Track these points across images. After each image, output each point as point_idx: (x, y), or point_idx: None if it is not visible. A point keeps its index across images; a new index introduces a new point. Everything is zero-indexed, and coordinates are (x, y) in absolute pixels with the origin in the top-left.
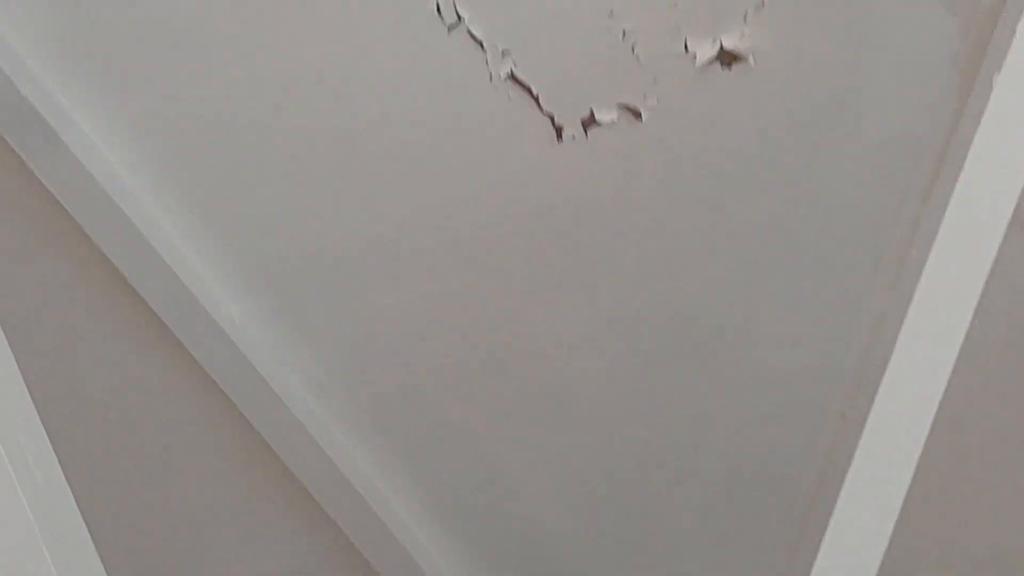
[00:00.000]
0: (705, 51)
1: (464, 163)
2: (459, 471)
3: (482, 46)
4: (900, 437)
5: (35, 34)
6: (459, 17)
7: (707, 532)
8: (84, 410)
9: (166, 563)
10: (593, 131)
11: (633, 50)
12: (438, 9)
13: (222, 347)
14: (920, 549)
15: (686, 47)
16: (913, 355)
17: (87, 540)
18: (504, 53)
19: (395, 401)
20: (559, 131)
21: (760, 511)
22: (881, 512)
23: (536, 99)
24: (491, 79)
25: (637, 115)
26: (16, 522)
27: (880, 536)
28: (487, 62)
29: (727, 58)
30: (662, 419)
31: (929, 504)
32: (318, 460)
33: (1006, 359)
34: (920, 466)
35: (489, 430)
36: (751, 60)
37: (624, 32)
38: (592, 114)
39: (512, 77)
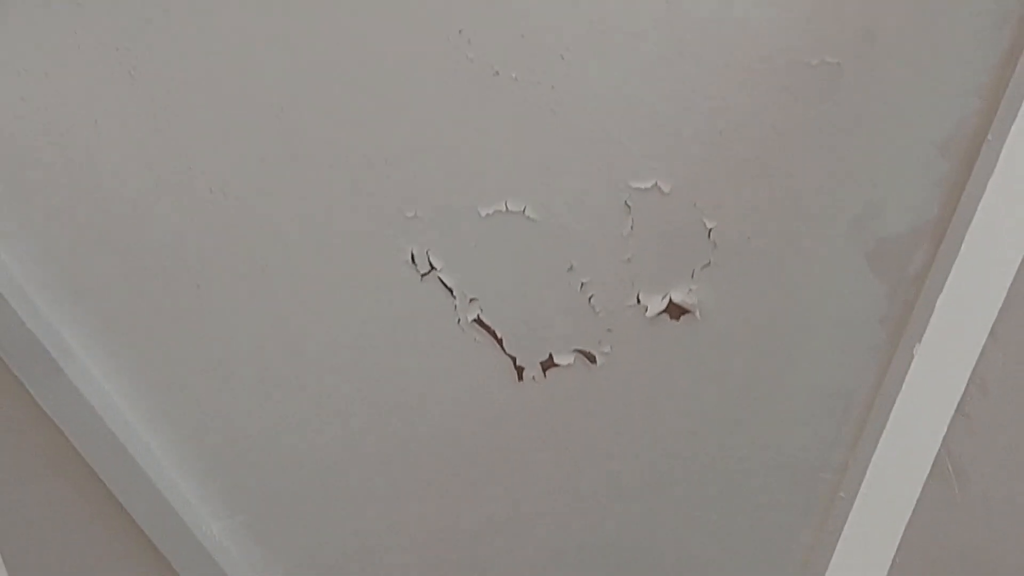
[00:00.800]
0: (655, 304)
1: (433, 397)
2: None
3: (452, 293)
4: None
5: (40, 269)
6: (432, 267)
7: None
8: None
9: None
10: (551, 372)
11: (590, 301)
12: (413, 259)
13: (203, 562)
14: None
15: (638, 300)
16: None
17: None
18: (472, 300)
19: None
20: (520, 372)
21: None
22: None
23: (500, 342)
24: (459, 323)
25: (592, 359)
26: None
27: None
28: (456, 307)
29: (675, 311)
30: None
31: None
32: None
33: None
34: None
35: None
36: (697, 313)
37: (582, 284)
38: (551, 357)
39: (478, 321)
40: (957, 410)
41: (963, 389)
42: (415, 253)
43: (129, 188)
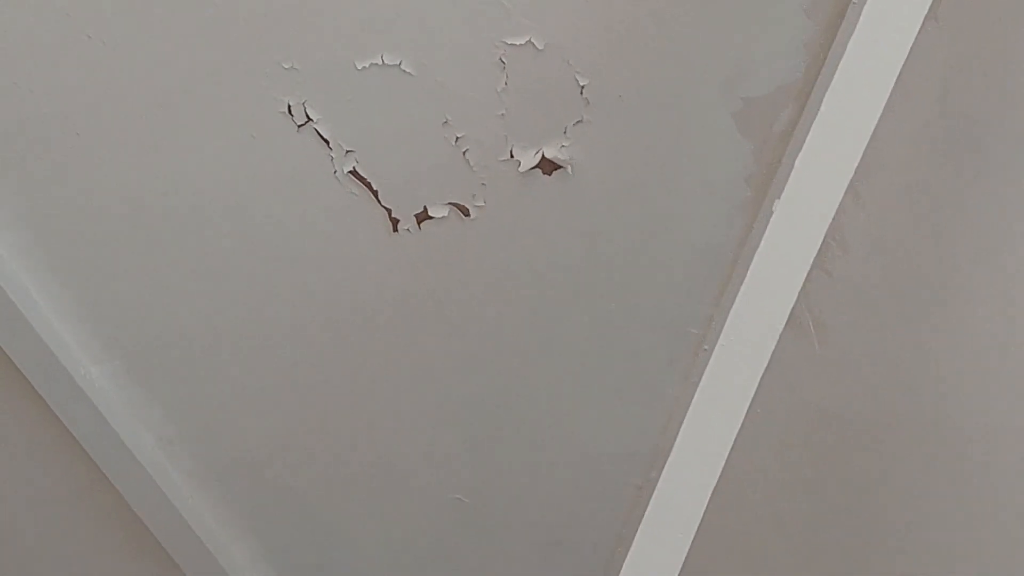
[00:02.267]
0: (528, 159)
1: (308, 249)
2: (296, 527)
3: (328, 145)
4: (685, 502)
5: None
6: (308, 118)
7: None
8: None
9: None
10: (425, 225)
11: (464, 155)
12: (289, 110)
13: (81, 405)
14: None
15: (512, 154)
16: (699, 435)
17: None
18: (348, 152)
19: (239, 461)
20: (395, 223)
21: (562, 571)
22: (663, 573)
23: (375, 194)
24: (335, 174)
25: (466, 212)
26: None
27: None
28: (332, 159)
29: (548, 166)
30: (479, 486)
31: (705, 564)
32: (166, 510)
33: (779, 438)
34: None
35: (324, 490)
36: (569, 169)
37: (457, 138)
38: (425, 209)
39: (354, 173)
40: (819, 267)
41: (820, 245)
42: (291, 105)
43: (9, 35)
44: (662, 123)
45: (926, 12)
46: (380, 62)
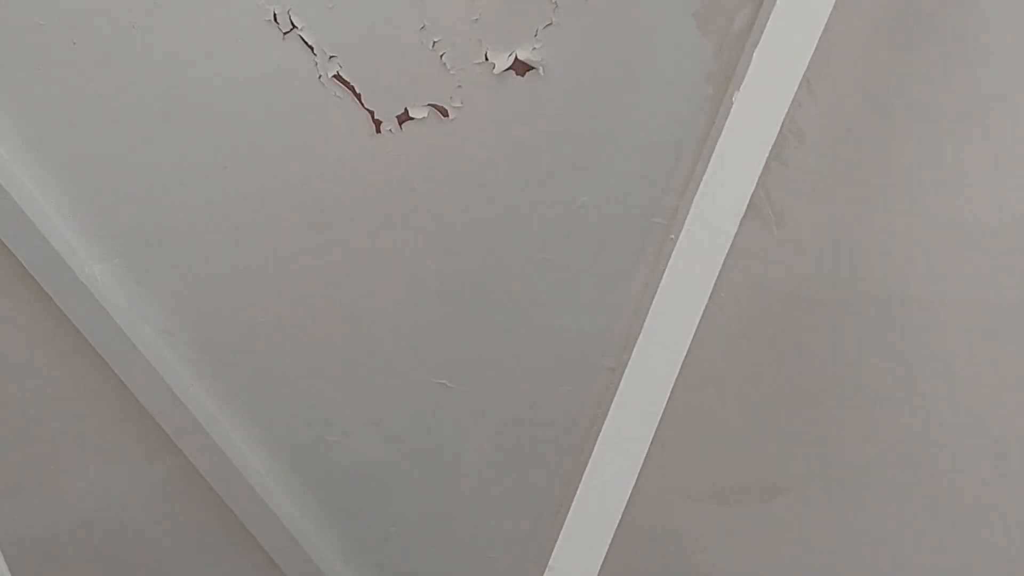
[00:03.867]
0: (502, 61)
1: (296, 148)
2: (289, 408)
3: (312, 50)
4: (652, 384)
5: None
6: (293, 25)
7: (494, 465)
8: None
9: (26, 482)
10: (407, 125)
11: (441, 59)
12: (275, 18)
13: (85, 301)
14: (666, 478)
15: (486, 57)
16: (665, 319)
17: None
18: (331, 57)
19: (234, 348)
20: (378, 125)
21: (540, 447)
22: (634, 447)
23: (358, 97)
24: (320, 79)
25: (444, 113)
26: None
27: (632, 468)
28: (316, 64)
29: (520, 68)
30: (460, 369)
31: (674, 439)
32: (168, 398)
33: (741, 318)
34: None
35: (315, 374)
36: (540, 70)
37: (434, 43)
38: (406, 111)
39: (338, 77)
40: (776, 158)
41: (776, 135)
42: (276, 13)
43: None
44: (627, 24)
45: None
46: None
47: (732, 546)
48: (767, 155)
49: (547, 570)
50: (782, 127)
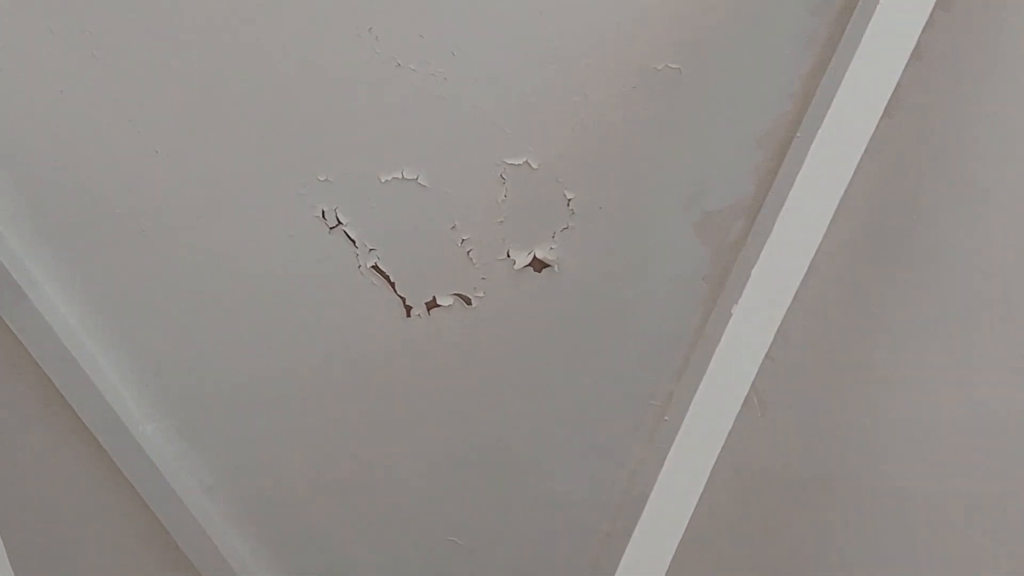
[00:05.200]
0: (522, 258)
1: (336, 327)
2: (317, 558)
3: (354, 243)
4: (657, 549)
5: (9, 207)
6: (339, 221)
7: None
8: (26, 502)
9: None
10: (434, 311)
11: (468, 254)
12: (323, 215)
13: (137, 456)
14: None
15: (508, 254)
16: (669, 492)
17: None
18: (371, 250)
19: (270, 502)
20: (408, 310)
21: None
22: None
23: (393, 285)
24: (360, 268)
25: (468, 301)
26: None
27: None
28: (357, 256)
29: (538, 264)
30: (470, 528)
31: None
32: (205, 545)
33: (727, 497)
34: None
35: (341, 527)
36: (556, 267)
37: (462, 240)
38: (434, 299)
39: (376, 268)
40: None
41: (771, 340)
42: (325, 210)
43: (89, 145)
44: (635, 230)
45: (861, 153)
46: (400, 176)
47: None
48: (762, 359)
49: None
50: None
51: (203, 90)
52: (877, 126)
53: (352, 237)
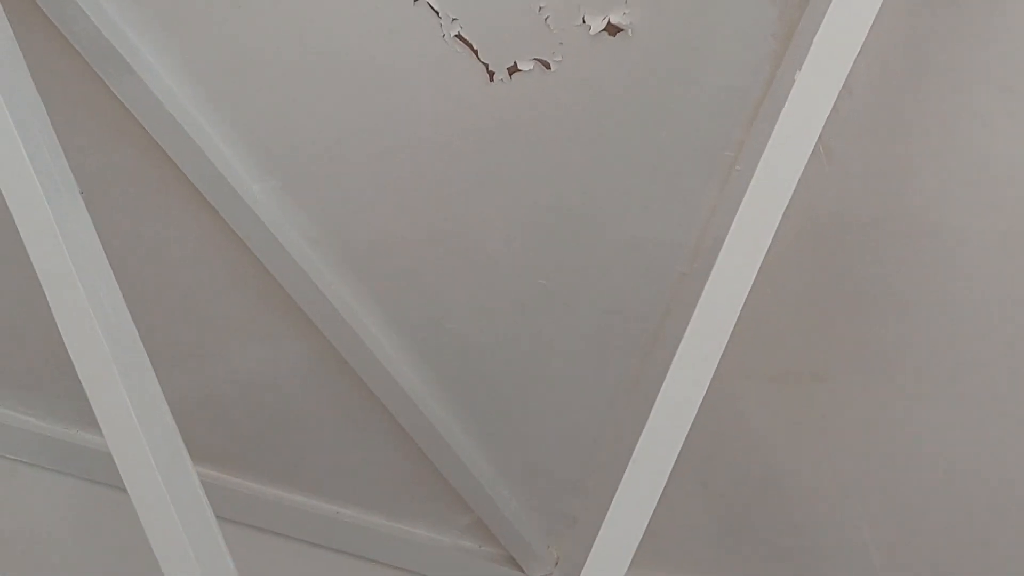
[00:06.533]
0: (597, 24)
1: (425, 91)
2: (414, 301)
3: (438, 15)
4: (734, 287)
5: None
6: None
7: (580, 348)
8: (144, 264)
9: (196, 354)
10: (516, 76)
11: (546, 21)
12: None
13: (246, 214)
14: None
15: (583, 20)
16: (744, 234)
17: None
18: (454, 20)
19: (370, 252)
20: (492, 75)
21: (620, 335)
22: (717, 338)
23: (476, 52)
24: (444, 37)
25: (547, 66)
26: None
27: (715, 354)
28: (441, 25)
29: (612, 29)
30: (555, 271)
31: (740, 333)
32: (313, 292)
33: (795, 240)
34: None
35: (436, 273)
36: (629, 31)
37: (539, 8)
38: (515, 64)
39: (459, 36)
40: None
41: (836, 94)
42: None
43: None
44: None
45: None
46: None
47: (781, 422)
48: (829, 110)
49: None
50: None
51: None
52: None
53: (435, 8)
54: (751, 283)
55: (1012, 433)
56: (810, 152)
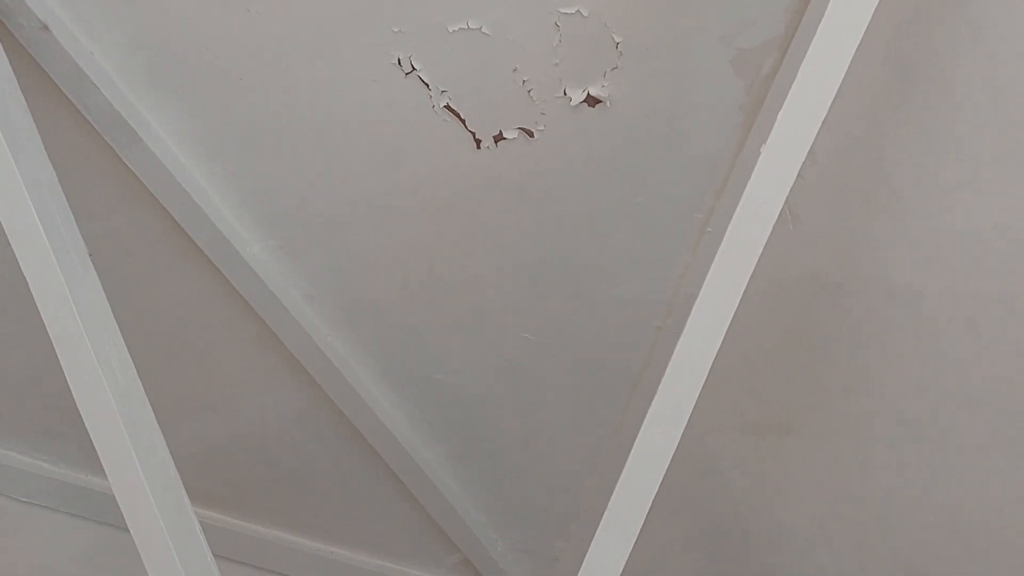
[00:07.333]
0: (577, 96)
1: (415, 159)
2: (407, 354)
3: (428, 87)
4: (704, 343)
5: (123, 60)
6: (413, 67)
7: (566, 397)
8: (150, 322)
9: (202, 406)
10: (501, 144)
11: (529, 93)
12: (399, 62)
13: (246, 273)
14: (702, 415)
15: (564, 92)
16: (714, 294)
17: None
18: (443, 91)
19: (364, 309)
20: (479, 143)
21: (602, 385)
22: (689, 391)
23: (463, 121)
24: (434, 108)
25: (531, 134)
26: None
27: (687, 406)
28: (431, 97)
29: (591, 101)
30: (541, 325)
31: (711, 387)
32: (308, 346)
33: (763, 301)
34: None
35: (428, 328)
36: (607, 103)
37: (523, 81)
38: (500, 132)
39: (448, 107)
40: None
41: (801, 163)
42: (400, 58)
43: (190, 8)
44: (677, 67)
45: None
46: (466, 26)
47: (750, 471)
48: (794, 179)
49: (618, 484)
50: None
51: None
52: None
53: (426, 81)
54: (721, 339)
55: (972, 472)
56: (776, 216)
